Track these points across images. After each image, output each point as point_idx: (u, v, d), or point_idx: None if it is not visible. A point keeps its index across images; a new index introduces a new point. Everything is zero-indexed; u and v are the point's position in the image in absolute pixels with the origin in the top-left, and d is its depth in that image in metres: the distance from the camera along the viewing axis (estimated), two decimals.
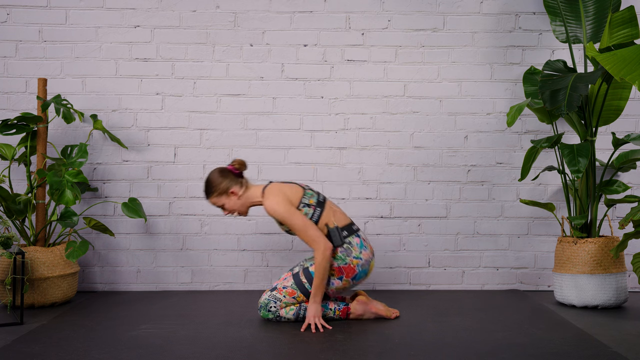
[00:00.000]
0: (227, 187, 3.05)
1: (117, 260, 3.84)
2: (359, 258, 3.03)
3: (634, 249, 3.72)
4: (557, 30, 3.62)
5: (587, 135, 3.47)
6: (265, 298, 3.02)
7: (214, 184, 3.06)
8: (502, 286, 3.89)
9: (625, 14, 3.26)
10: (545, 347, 2.57)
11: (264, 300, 3.01)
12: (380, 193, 3.88)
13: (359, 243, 3.06)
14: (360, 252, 3.04)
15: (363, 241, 3.09)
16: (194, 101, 3.85)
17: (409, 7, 3.88)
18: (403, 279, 3.88)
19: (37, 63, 3.81)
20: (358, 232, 3.11)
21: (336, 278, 3.01)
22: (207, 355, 2.47)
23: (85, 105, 3.82)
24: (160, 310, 3.27)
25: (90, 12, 3.83)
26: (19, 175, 3.77)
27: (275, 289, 3.02)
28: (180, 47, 3.85)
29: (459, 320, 3.05)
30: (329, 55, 3.86)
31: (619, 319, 3.11)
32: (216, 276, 3.85)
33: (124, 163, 3.84)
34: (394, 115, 3.87)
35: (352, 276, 3.02)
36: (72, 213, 3.41)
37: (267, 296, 3.02)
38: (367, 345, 2.62)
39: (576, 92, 3.14)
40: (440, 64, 3.88)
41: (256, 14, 3.86)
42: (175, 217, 3.84)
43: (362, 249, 3.06)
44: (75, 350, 2.54)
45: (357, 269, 3.02)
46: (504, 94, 3.88)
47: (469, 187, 3.88)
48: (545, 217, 3.87)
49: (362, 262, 3.04)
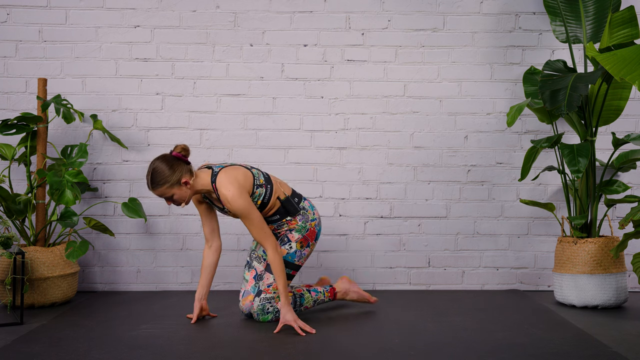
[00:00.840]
0: (179, 177, 2.82)
1: (117, 260, 3.84)
2: (315, 219, 3.13)
3: (634, 249, 3.72)
4: (557, 30, 3.62)
5: (587, 135, 3.47)
6: (257, 305, 2.98)
7: (164, 175, 2.80)
8: (502, 286, 3.89)
9: (625, 14, 3.26)
10: (545, 347, 2.57)
11: (257, 307, 2.98)
12: (380, 193, 3.88)
13: (308, 205, 3.15)
14: (314, 213, 3.14)
15: (310, 201, 3.19)
16: (194, 101, 3.85)
17: (409, 7, 3.88)
18: (403, 279, 3.88)
19: (37, 63, 3.81)
20: (302, 195, 3.18)
21: (305, 247, 3.06)
22: (207, 355, 2.47)
23: (85, 105, 3.82)
24: (160, 310, 3.27)
25: (90, 12, 3.83)
26: (19, 175, 3.77)
27: (261, 292, 2.99)
28: (180, 47, 3.85)
29: (459, 320, 3.05)
30: (329, 55, 3.87)
31: (619, 319, 3.11)
32: (216, 276, 3.85)
33: (124, 163, 3.84)
34: (394, 115, 3.87)
35: (315, 237, 3.12)
36: (72, 213, 3.41)
37: (258, 303, 2.98)
38: (367, 345, 2.62)
39: (576, 92, 3.14)
40: (440, 64, 3.88)
41: (256, 14, 3.86)
42: (175, 217, 3.84)
43: (314, 209, 3.16)
44: (75, 350, 2.54)
45: (316, 229, 3.13)
46: (504, 94, 3.88)
47: (469, 187, 3.88)
48: (545, 217, 3.87)
49: (317, 220, 3.14)
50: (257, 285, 3.02)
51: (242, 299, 3.04)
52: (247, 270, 3.09)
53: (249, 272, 3.07)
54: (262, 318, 3.00)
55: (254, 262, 3.09)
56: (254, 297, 3.00)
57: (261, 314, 2.99)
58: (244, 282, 3.07)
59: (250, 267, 3.09)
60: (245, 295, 3.03)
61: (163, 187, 2.81)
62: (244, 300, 3.03)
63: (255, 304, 2.99)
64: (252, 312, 3.02)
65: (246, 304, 3.03)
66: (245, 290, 3.05)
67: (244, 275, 3.09)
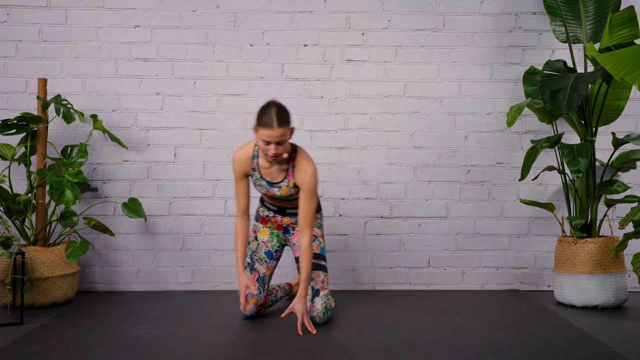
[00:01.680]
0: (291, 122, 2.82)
1: (117, 260, 3.84)
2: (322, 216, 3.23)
3: (634, 249, 3.72)
4: (557, 30, 3.62)
5: (587, 135, 3.47)
6: (321, 305, 2.91)
7: (288, 113, 2.79)
8: (502, 286, 3.89)
9: (625, 14, 3.26)
10: (545, 347, 2.57)
11: (322, 307, 2.91)
12: (380, 193, 3.88)
13: None
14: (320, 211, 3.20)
15: None
16: (194, 101, 3.85)
17: (409, 7, 3.88)
18: (403, 279, 3.88)
19: (37, 63, 3.81)
20: None
21: (324, 244, 3.12)
22: (207, 355, 2.47)
23: (85, 105, 3.82)
24: (160, 310, 3.27)
25: (90, 12, 3.83)
26: (19, 175, 3.77)
27: (319, 291, 2.94)
28: (180, 47, 3.85)
29: (459, 320, 3.05)
30: (329, 55, 3.86)
31: (619, 319, 3.11)
32: (216, 276, 3.85)
33: (124, 163, 3.84)
34: (394, 115, 3.87)
35: None
36: (72, 213, 3.41)
37: (320, 302, 2.91)
38: (367, 345, 2.62)
39: (576, 92, 3.14)
40: (440, 64, 3.88)
41: (256, 14, 3.86)
42: (175, 217, 3.84)
43: None
44: (75, 350, 2.54)
45: None
46: (504, 94, 3.88)
47: (469, 187, 3.88)
48: (545, 217, 3.87)
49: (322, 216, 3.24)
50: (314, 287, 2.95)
51: (246, 300, 3.00)
52: (248, 272, 3.07)
53: (251, 275, 3.06)
54: (326, 317, 2.92)
55: (256, 265, 3.07)
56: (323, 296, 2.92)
57: (325, 313, 2.91)
58: None
59: (252, 269, 3.07)
60: (249, 298, 3.00)
61: (288, 126, 2.77)
62: (248, 302, 3.00)
63: (318, 305, 2.91)
64: (315, 314, 2.91)
65: (250, 306, 3.00)
66: (249, 293, 3.02)
67: (247, 274, 3.06)
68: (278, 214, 3.15)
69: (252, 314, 3.02)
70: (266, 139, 2.74)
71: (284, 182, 2.93)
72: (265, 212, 3.19)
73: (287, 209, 3.12)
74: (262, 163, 2.94)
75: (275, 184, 2.96)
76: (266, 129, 2.73)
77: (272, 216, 3.16)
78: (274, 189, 2.96)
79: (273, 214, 3.16)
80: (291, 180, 2.92)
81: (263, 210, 3.19)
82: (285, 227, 3.17)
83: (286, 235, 3.18)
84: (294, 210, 3.09)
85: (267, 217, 3.18)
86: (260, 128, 2.76)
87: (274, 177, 2.95)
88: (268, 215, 3.18)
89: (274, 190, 2.97)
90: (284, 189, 2.94)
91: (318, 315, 2.91)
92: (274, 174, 2.94)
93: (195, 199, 3.84)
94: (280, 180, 2.94)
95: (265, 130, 2.73)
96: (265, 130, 2.73)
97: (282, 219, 3.15)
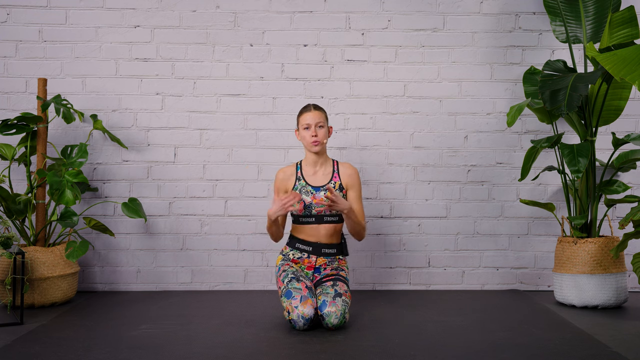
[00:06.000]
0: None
1: (117, 260, 3.84)
2: None
3: (634, 249, 3.72)
4: (557, 30, 3.62)
5: (587, 135, 3.47)
6: (341, 304, 2.85)
7: (324, 109, 3.20)
8: (502, 286, 3.89)
9: (625, 14, 3.26)
10: (545, 347, 2.57)
11: (342, 307, 2.84)
12: (380, 193, 3.88)
13: None
14: None
15: None
16: (194, 101, 3.85)
17: (409, 7, 3.88)
18: (403, 279, 3.88)
19: (37, 63, 3.81)
20: None
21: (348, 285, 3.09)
22: (207, 355, 2.47)
23: (85, 105, 3.82)
24: (160, 310, 3.27)
25: (90, 12, 3.83)
26: (19, 175, 3.77)
27: (341, 295, 2.89)
28: (180, 47, 3.85)
29: (459, 320, 3.05)
30: (329, 55, 3.87)
31: (619, 319, 3.11)
32: (216, 276, 3.85)
33: (124, 163, 3.84)
34: (394, 115, 3.87)
35: None
36: (72, 213, 3.41)
37: (341, 303, 2.85)
38: (367, 345, 2.62)
39: (576, 92, 3.14)
40: (440, 64, 3.88)
41: (256, 14, 3.86)
42: (175, 217, 3.84)
43: None
44: (75, 350, 2.54)
45: None
46: (504, 94, 3.88)
47: (469, 187, 3.88)
48: (545, 217, 3.87)
49: None
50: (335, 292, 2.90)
51: (300, 303, 2.82)
52: (296, 282, 2.93)
53: (299, 284, 2.92)
54: (341, 321, 2.84)
55: (301, 278, 2.97)
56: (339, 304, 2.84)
57: (342, 315, 2.84)
58: (294, 291, 2.88)
59: (298, 280, 2.95)
60: (304, 300, 2.83)
61: (324, 113, 3.13)
62: (304, 304, 2.82)
63: (339, 303, 2.84)
64: (334, 310, 2.82)
65: (307, 307, 2.82)
66: (303, 296, 2.85)
67: (293, 285, 2.91)
68: (313, 254, 3.10)
69: (310, 317, 2.82)
70: (306, 122, 3.06)
71: (330, 183, 3.11)
72: (297, 255, 3.13)
73: (324, 248, 3.08)
74: (307, 170, 3.14)
75: (321, 187, 3.09)
76: (306, 113, 3.09)
77: (305, 257, 3.11)
78: (319, 193, 3.06)
79: (307, 255, 3.10)
80: (337, 182, 3.12)
81: (295, 253, 3.13)
82: (318, 267, 3.11)
83: (315, 275, 3.10)
84: (330, 248, 3.09)
85: (300, 258, 3.12)
86: (300, 117, 3.11)
87: (319, 181, 3.11)
88: (301, 257, 3.12)
89: (320, 195, 3.05)
90: (330, 189, 2.90)
91: (335, 314, 2.82)
92: (319, 178, 3.12)
93: (195, 199, 3.84)
94: (326, 182, 3.11)
95: (305, 114, 3.08)
96: (305, 114, 3.09)
97: (317, 260, 3.11)
